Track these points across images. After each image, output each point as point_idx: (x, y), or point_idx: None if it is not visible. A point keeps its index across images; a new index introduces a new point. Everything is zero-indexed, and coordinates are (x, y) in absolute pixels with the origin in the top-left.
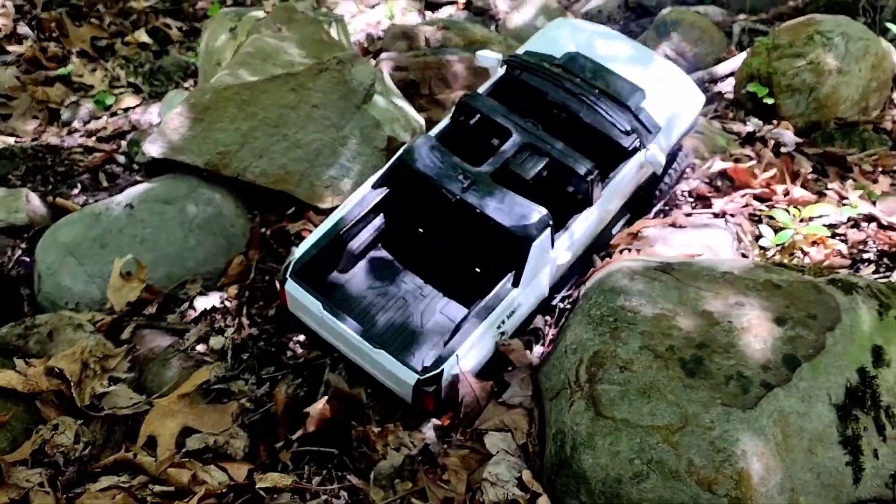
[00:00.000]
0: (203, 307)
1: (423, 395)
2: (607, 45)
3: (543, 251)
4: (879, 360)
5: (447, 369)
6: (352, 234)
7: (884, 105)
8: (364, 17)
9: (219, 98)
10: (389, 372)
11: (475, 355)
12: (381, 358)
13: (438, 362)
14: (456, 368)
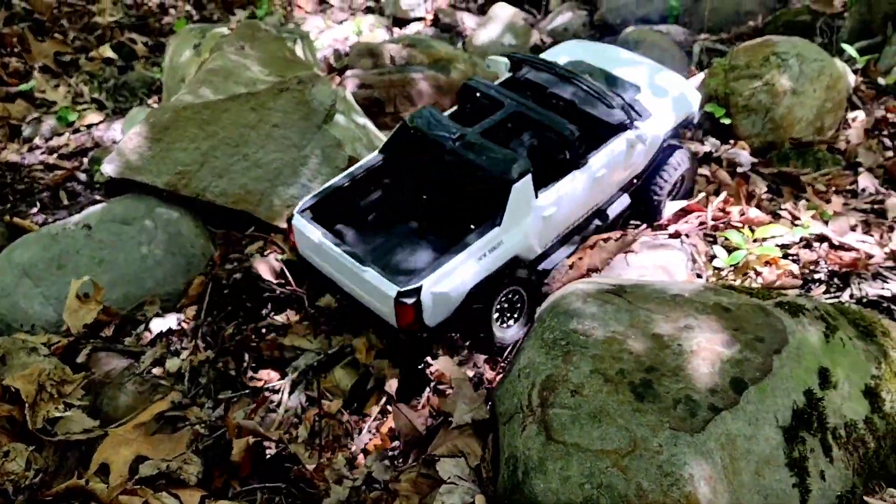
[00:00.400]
0: (160, 329)
1: (403, 308)
2: (612, 56)
3: (525, 197)
4: (826, 382)
5: (426, 285)
6: (354, 189)
7: (838, 125)
8: (332, 33)
9: (178, 117)
10: (375, 289)
11: (456, 279)
12: (368, 275)
13: (419, 278)
14: (437, 286)
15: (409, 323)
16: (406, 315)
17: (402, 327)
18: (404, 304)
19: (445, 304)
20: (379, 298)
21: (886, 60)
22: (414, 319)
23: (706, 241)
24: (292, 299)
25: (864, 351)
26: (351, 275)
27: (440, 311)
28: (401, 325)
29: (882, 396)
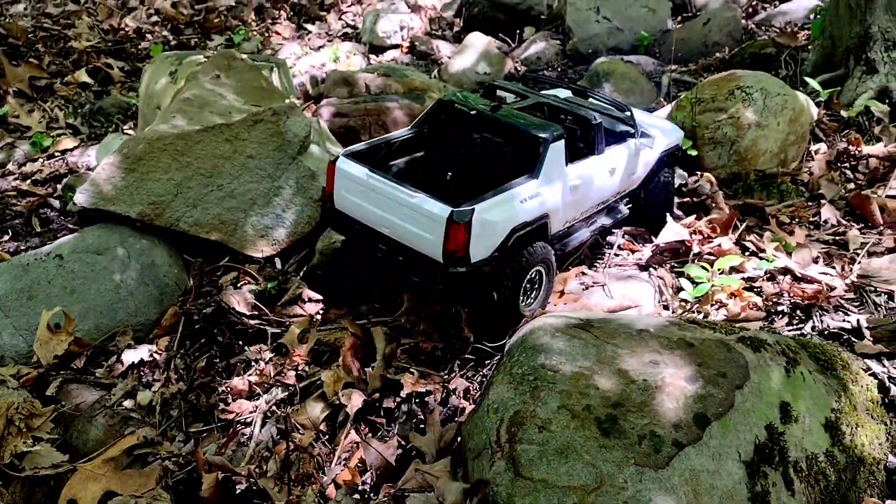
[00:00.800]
0: (132, 360)
1: (455, 229)
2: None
3: (558, 158)
4: (787, 417)
5: (479, 209)
6: (395, 146)
7: (801, 157)
8: (309, 59)
9: (152, 148)
10: (425, 215)
11: (503, 212)
12: (419, 200)
13: (471, 203)
14: (485, 214)
15: (458, 247)
16: (457, 237)
17: (449, 252)
18: (457, 223)
19: (491, 237)
20: (427, 226)
21: (848, 93)
22: (463, 244)
23: (672, 273)
24: (264, 332)
25: (824, 384)
26: (397, 208)
27: (484, 242)
28: (449, 249)
29: (842, 429)
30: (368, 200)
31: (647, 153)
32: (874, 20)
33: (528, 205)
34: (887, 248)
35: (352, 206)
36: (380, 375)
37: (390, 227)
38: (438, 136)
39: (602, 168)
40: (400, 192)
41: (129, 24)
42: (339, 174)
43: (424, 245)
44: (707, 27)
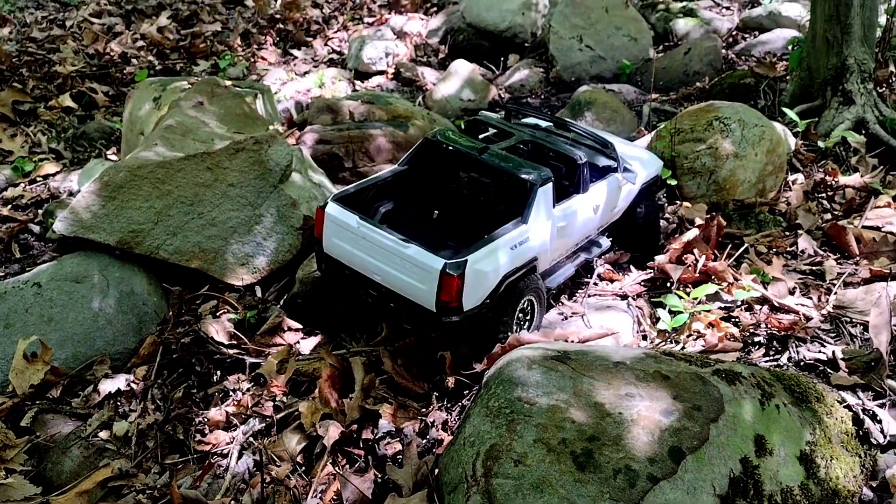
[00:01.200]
0: (108, 390)
1: (448, 281)
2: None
3: (546, 201)
4: (762, 450)
5: (471, 260)
6: (384, 188)
7: (779, 187)
8: (294, 85)
9: (133, 176)
10: (417, 265)
11: (494, 261)
12: (412, 251)
13: (463, 254)
14: (478, 264)
15: (451, 298)
16: (451, 288)
17: (443, 303)
18: (450, 275)
19: (483, 286)
20: (420, 276)
21: (826, 124)
22: (456, 294)
23: (651, 303)
24: (243, 362)
25: (799, 417)
26: (389, 257)
27: (477, 291)
28: (442, 300)
29: (817, 462)
30: (359, 247)
31: (629, 186)
32: (850, 52)
33: (519, 251)
34: (863, 278)
35: (342, 251)
36: (358, 406)
37: (381, 275)
38: (426, 176)
39: (587, 206)
40: (392, 242)
41: (115, 48)
42: (328, 220)
43: (417, 294)
44: (688, 56)
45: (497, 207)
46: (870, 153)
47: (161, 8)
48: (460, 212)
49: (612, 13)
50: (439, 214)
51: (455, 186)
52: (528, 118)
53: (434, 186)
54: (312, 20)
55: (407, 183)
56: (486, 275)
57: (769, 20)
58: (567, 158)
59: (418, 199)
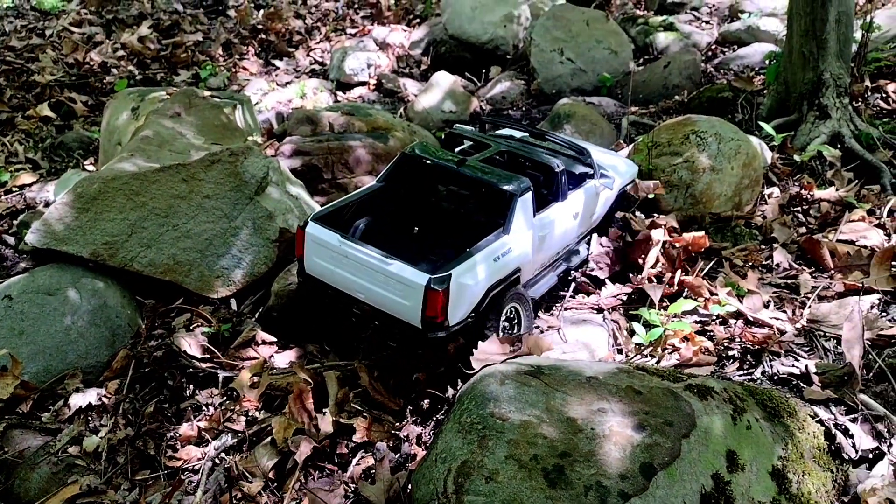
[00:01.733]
0: (79, 405)
1: (433, 295)
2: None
3: (527, 211)
4: (733, 465)
5: (455, 274)
6: (362, 205)
7: (755, 201)
8: (276, 95)
9: (107, 188)
10: (402, 281)
11: (478, 273)
12: (395, 267)
13: (447, 268)
14: (462, 278)
15: (437, 312)
16: (436, 303)
17: (428, 319)
18: (435, 290)
19: (468, 299)
20: (404, 292)
21: (802, 138)
22: (441, 309)
23: (627, 317)
24: (215, 376)
25: (771, 432)
26: (371, 274)
27: (462, 305)
28: (428, 315)
29: (789, 477)
30: (341, 266)
31: (606, 192)
32: (826, 67)
33: (501, 262)
34: (837, 292)
35: (323, 271)
36: (332, 421)
37: (365, 293)
38: (405, 191)
39: (566, 214)
40: (374, 259)
41: (95, 58)
42: (308, 240)
43: (402, 311)
44: (667, 70)
45: (477, 219)
46: (845, 167)
47: (142, 17)
48: (440, 226)
49: (593, 26)
50: (420, 229)
51: (434, 200)
52: (502, 129)
53: (413, 201)
54: (295, 31)
55: (386, 199)
56: (471, 288)
57: (748, 34)
58: (544, 167)
59: (398, 214)
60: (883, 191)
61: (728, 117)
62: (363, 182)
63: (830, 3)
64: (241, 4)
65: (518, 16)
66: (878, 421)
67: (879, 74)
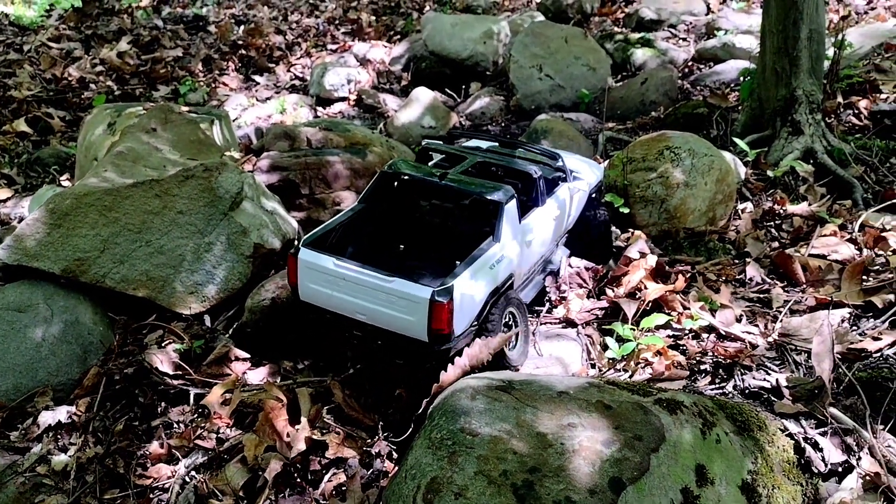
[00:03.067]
0: (48, 423)
1: (439, 308)
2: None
3: (513, 218)
4: (703, 479)
5: (457, 285)
6: (349, 227)
7: (729, 216)
8: (255, 111)
9: (79, 204)
10: (404, 297)
11: (477, 283)
12: (396, 285)
13: (448, 280)
14: (463, 288)
15: (444, 324)
16: (441, 315)
17: (435, 332)
18: (440, 302)
19: (471, 308)
20: (408, 308)
21: (775, 153)
22: (447, 321)
23: (600, 331)
24: (186, 393)
25: (741, 446)
26: (371, 294)
27: (466, 315)
28: (434, 328)
29: (759, 492)
30: (338, 289)
31: (580, 193)
32: (799, 84)
33: (496, 270)
34: (809, 306)
35: (320, 296)
36: (305, 437)
37: (366, 314)
38: (388, 208)
39: (546, 218)
40: (374, 279)
41: (73, 73)
42: (302, 266)
43: (406, 327)
44: (644, 86)
45: (463, 231)
46: (818, 182)
47: (122, 33)
48: (427, 240)
49: (572, 43)
50: (408, 245)
51: (418, 216)
52: (470, 141)
53: (397, 218)
54: (275, 46)
55: (370, 218)
56: (472, 297)
57: (723, 51)
58: (522, 174)
59: (383, 232)
60: (855, 206)
61: (703, 133)
62: (341, 197)
63: (802, 21)
64: (221, 20)
65: (497, 32)
66: (847, 434)
67: (852, 91)
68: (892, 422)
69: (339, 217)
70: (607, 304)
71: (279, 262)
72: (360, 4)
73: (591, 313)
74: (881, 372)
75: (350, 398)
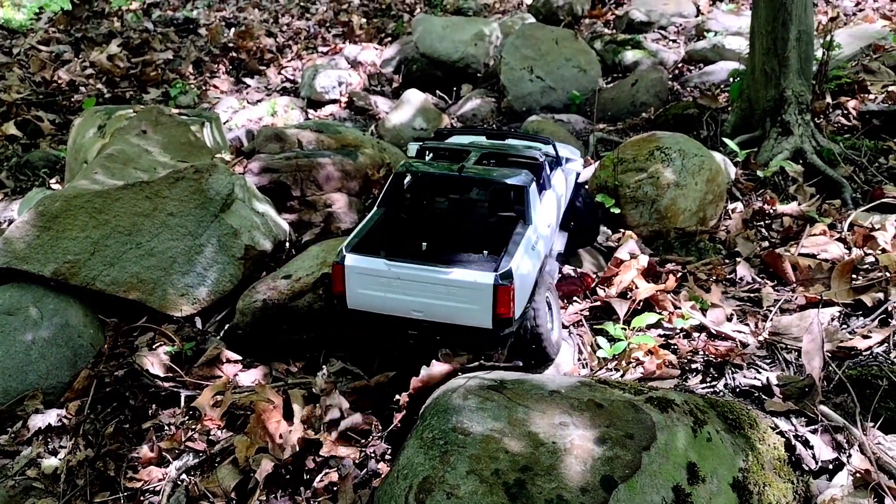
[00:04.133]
0: (38, 426)
1: (504, 291)
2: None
3: (536, 199)
4: (694, 477)
5: (514, 267)
6: (381, 229)
7: (719, 216)
8: (246, 113)
9: (69, 206)
10: (465, 287)
11: (526, 265)
12: (455, 275)
13: (504, 264)
14: (519, 270)
15: (508, 309)
16: (507, 298)
17: (500, 316)
18: (505, 285)
19: (526, 290)
20: (470, 297)
21: (765, 154)
22: (511, 305)
23: (592, 331)
24: (177, 395)
25: (731, 444)
26: (429, 289)
27: (523, 297)
28: (500, 313)
29: (750, 489)
30: (392, 290)
31: (572, 175)
32: (788, 84)
33: (534, 253)
34: (799, 305)
35: (371, 300)
36: (299, 437)
37: (423, 310)
38: (410, 207)
39: (553, 200)
40: (431, 273)
41: (63, 76)
42: (350, 273)
43: (468, 316)
44: (635, 87)
45: (489, 220)
46: (807, 182)
47: (112, 36)
48: (454, 235)
49: (562, 45)
50: (436, 241)
51: (440, 212)
52: (456, 137)
53: (419, 217)
54: (266, 49)
55: (394, 221)
56: (526, 277)
57: (713, 52)
58: (526, 160)
59: (409, 232)
60: (844, 205)
61: (694, 134)
62: (332, 199)
63: (791, 23)
64: (211, 23)
65: (488, 34)
66: (837, 432)
67: (840, 91)
68: (881, 419)
69: (366, 223)
70: (599, 303)
71: (270, 263)
72: (350, 7)
73: (579, 314)
74: (871, 370)
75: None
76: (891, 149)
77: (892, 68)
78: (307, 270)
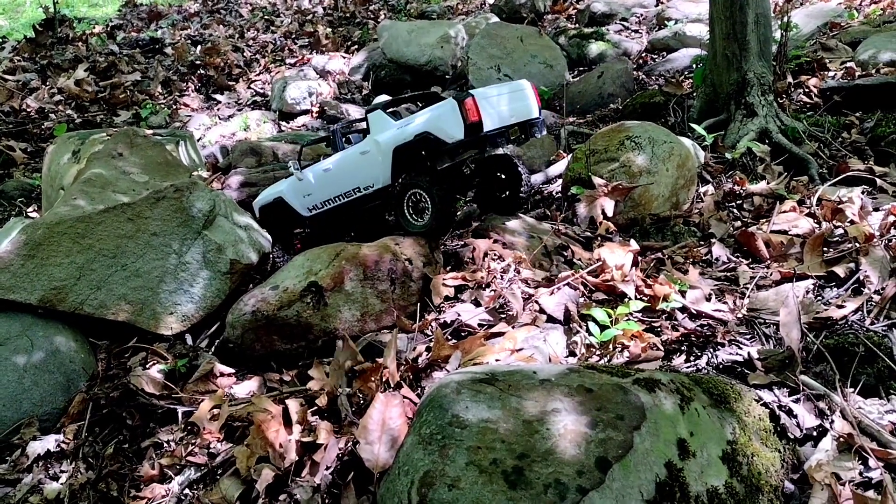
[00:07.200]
0: (37, 452)
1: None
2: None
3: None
4: (685, 452)
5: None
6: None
7: (692, 199)
8: (219, 129)
9: (52, 233)
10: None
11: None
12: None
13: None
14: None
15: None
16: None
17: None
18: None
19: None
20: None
21: (731, 136)
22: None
23: (580, 318)
24: (174, 412)
25: (718, 418)
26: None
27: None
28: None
29: (739, 460)
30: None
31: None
32: (749, 67)
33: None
34: (774, 280)
35: (491, 116)
36: (296, 442)
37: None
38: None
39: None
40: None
41: (31, 104)
42: (479, 100)
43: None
44: (601, 80)
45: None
46: (774, 161)
47: (78, 61)
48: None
49: (527, 42)
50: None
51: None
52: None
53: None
54: (234, 64)
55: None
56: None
57: (675, 41)
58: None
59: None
60: (811, 181)
61: (661, 121)
62: None
63: (748, 6)
64: (177, 42)
65: (454, 36)
66: (819, 399)
67: (800, 71)
68: (860, 384)
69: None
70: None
71: (256, 276)
72: (315, 17)
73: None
74: (847, 338)
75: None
76: (853, 123)
77: (849, 45)
78: (294, 280)
